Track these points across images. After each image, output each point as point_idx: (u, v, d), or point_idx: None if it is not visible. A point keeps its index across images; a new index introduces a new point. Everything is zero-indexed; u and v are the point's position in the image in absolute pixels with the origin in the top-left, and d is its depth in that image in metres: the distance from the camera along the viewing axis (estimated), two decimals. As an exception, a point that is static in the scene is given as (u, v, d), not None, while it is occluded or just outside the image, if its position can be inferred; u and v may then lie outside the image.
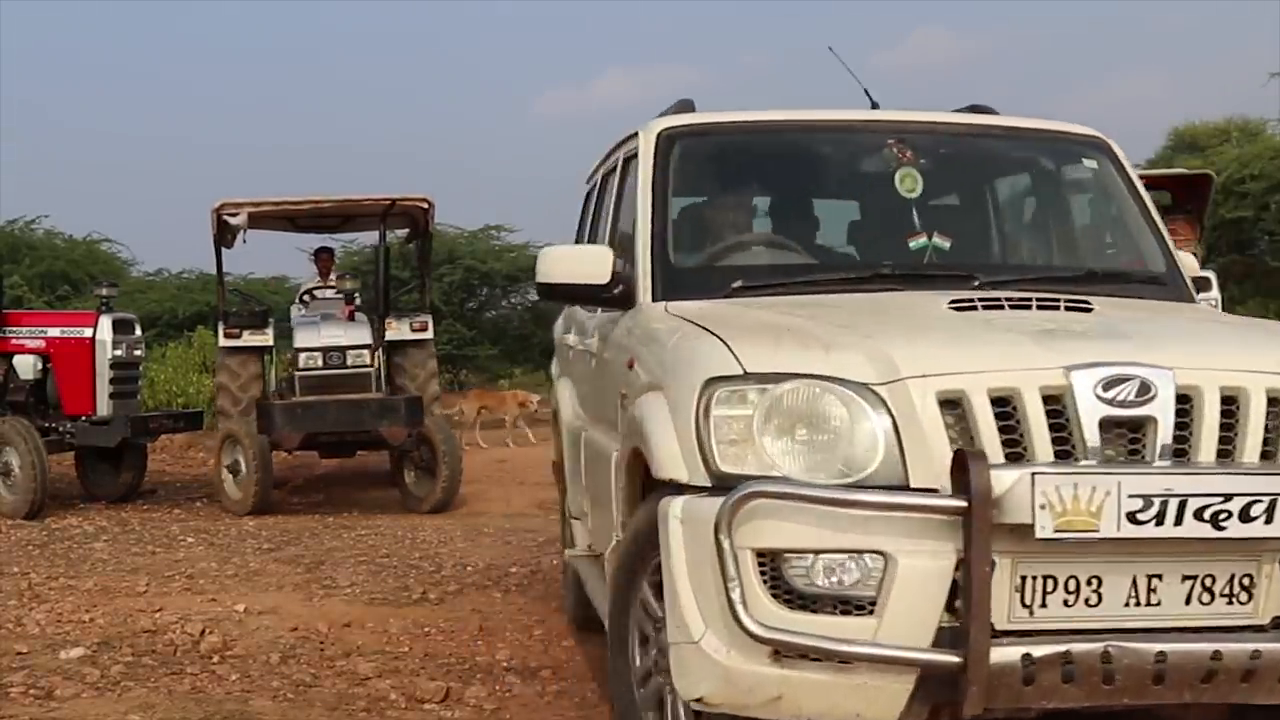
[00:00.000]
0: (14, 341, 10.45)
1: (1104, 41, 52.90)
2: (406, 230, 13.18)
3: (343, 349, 10.53)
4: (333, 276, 12.15)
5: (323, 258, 12.41)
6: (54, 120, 46.80)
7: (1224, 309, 10.51)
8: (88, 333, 10.29)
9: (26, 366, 10.42)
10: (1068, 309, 3.45)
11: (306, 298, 11.93)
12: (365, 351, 10.58)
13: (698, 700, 3.10)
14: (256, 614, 6.18)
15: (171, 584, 7.03)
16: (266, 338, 11.25)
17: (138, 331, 10.79)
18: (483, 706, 4.71)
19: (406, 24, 58.11)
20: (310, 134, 49.96)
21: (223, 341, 11.10)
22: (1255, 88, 40.22)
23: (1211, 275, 10.49)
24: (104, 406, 10.22)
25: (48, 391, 10.43)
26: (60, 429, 10.21)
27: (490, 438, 15.88)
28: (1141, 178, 14.67)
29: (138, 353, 10.69)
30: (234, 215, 10.61)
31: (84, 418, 10.20)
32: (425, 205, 11.23)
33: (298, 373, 10.53)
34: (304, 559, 7.79)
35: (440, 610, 6.30)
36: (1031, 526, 2.84)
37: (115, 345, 10.29)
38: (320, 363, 10.49)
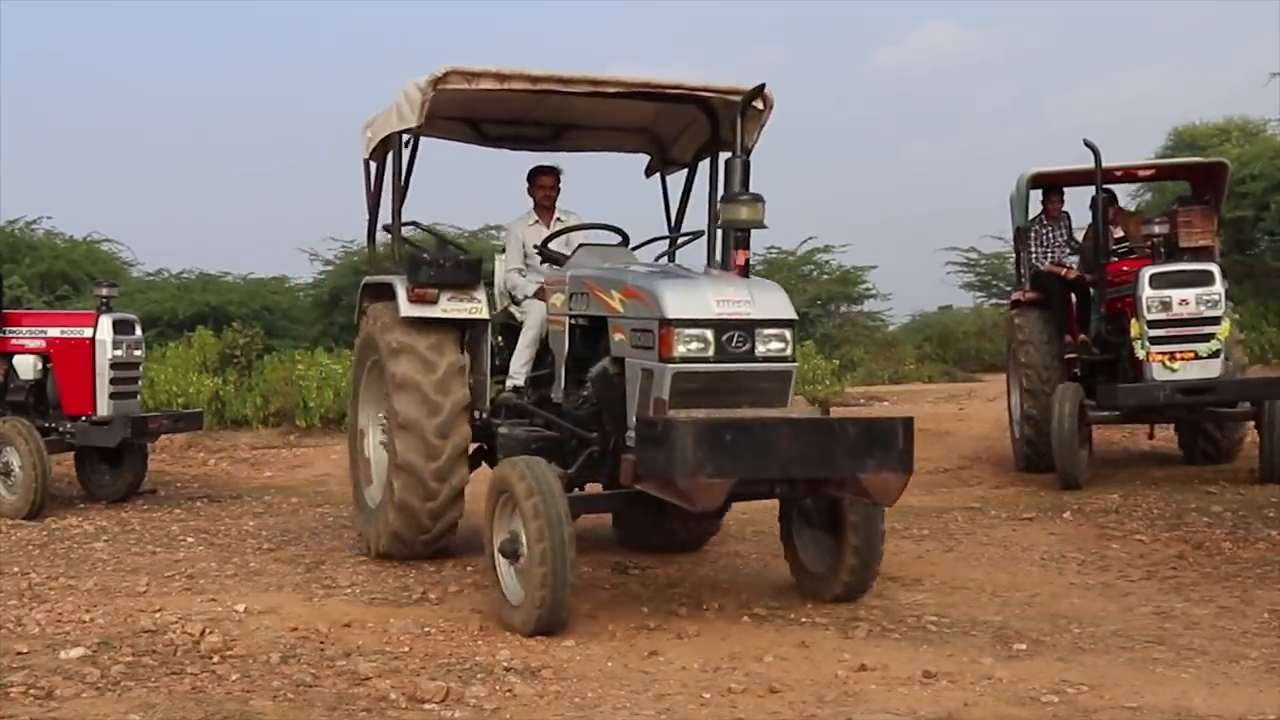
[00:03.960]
0: (14, 341, 10.46)
1: (1105, 41, 52.90)
2: (651, 155, 8.52)
3: (750, 325, 5.90)
4: (559, 214, 7.93)
5: (544, 180, 7.93)
6: (54, 120, 46.81)
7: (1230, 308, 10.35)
8: (88, 333, 10.29)
9: (26, 366, 10.43)
10: None
11: (533, 250, 7.70)
12: (786, 332, 6.02)
13: None
14: (256, 614, 6.18)
15: (171, 584, 7.03)
16: (479, 306, 7.41)
17: (138, 331, 10.78)
18: (483, 706, 4.71)
19: (405, 24, 58.10)
20: (310, 136, 49.94)
21: (406, 309, 7.26)
22: (1255, 88, 40.19)
23: (1215, 268, 10.25)
24: (104, 406, 10.22)
25: (48, 391, 10.43)
26: (60, 429, 10.21)
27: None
28: (1159, 168, 14.51)
29: (138, 353, 10.68)
30: (467, 83, 6.91)
31: (84, 418, 10.19)
32: (765, 103, 7.06)
33: (671, 367, 5.84)
34: (304, 559, 7.79)
35: (440, 610, 6.30)
36: None
37: (115, 345, 10.29)
38: (712, 349, 5.84)
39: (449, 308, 7.30)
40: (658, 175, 8.45)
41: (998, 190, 11.82)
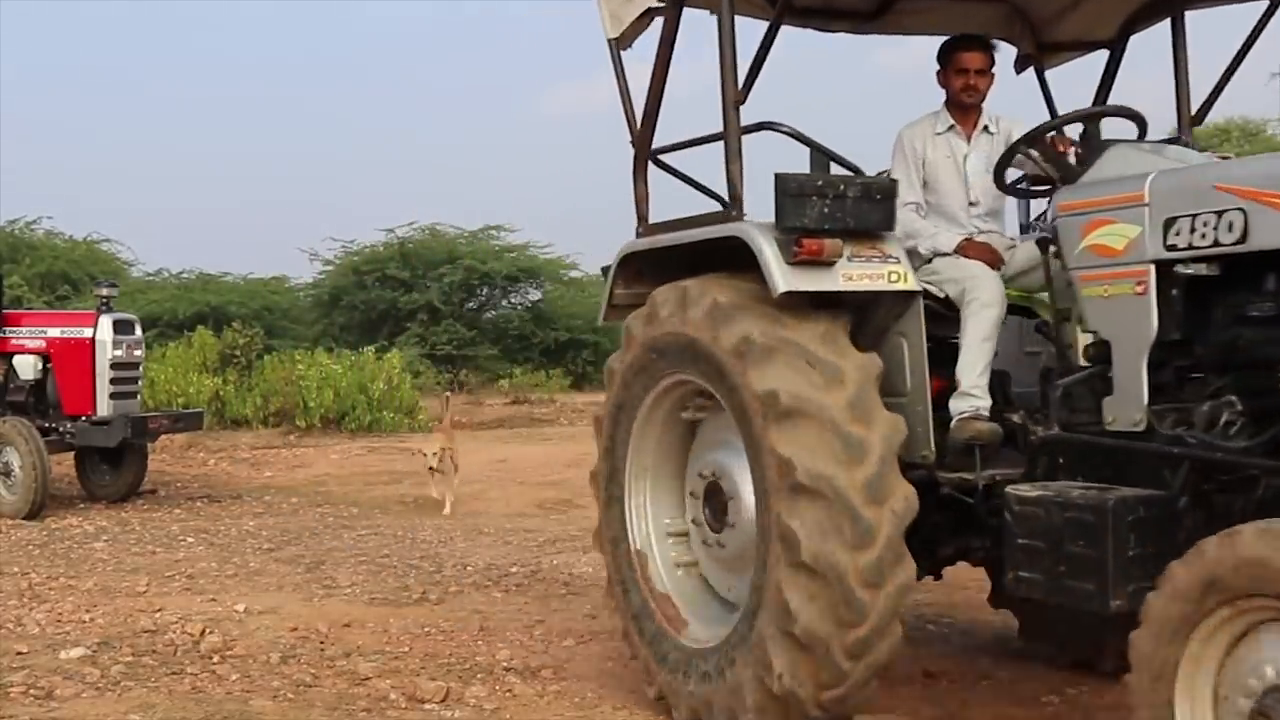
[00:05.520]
0: (14, 341, 10.47)
1: (1104, 41, 52.82)
2: (1017, 41, 5.61)
3: None
4: (987, 120, 4.88)
5: (968, 58, 4.83)
6: (55, 121, 46.85)
7: None
8: (88, 333, 10.30)
9: (26, 366, 10.44)
10: None
11: (953, 173, 4.80)
12: None
13: None
14: (256, 614, 6.18)
15: (171, 584, 7.03)
16: (900, 269, 4.17)
17: (138, 331, 10.78)
18: (483, 706, 4.71)
19: (405, 23, 58.13)
20: (311, 136, 50.00)
21: (784, 279, 4.01)
22: (1255, 88, 40.21)
23: None
24: (104, 406, 10.22)
25: (48, 391, 10.44)
26: (60, 429, 10.22)
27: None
28: None
29: (138, 353, 10.69)
30: None
31: (84, 418, 10.20)
32: None
33: None
34: (304, 559, 7.79)
35: (440, 610, 6.30)
36: None
37: (115, 345, 10.30)
38: None
39: (856, 274, 4.10)
40: (1031, 71, 5.68)
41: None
